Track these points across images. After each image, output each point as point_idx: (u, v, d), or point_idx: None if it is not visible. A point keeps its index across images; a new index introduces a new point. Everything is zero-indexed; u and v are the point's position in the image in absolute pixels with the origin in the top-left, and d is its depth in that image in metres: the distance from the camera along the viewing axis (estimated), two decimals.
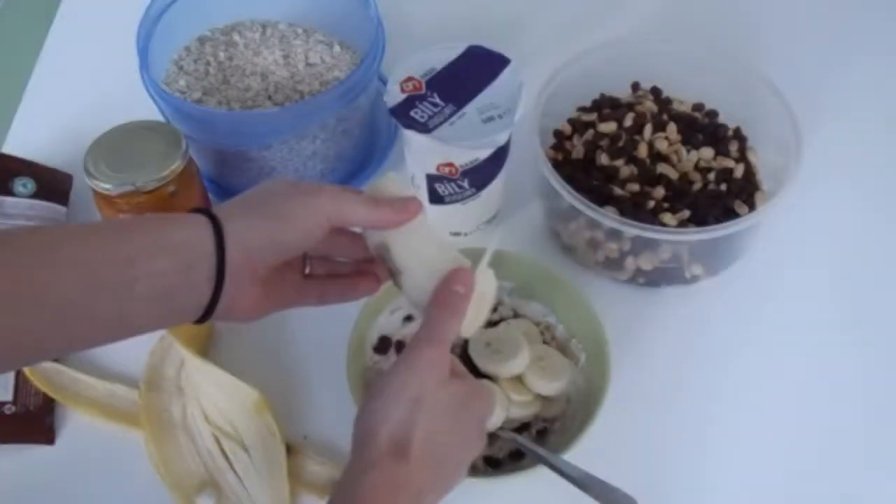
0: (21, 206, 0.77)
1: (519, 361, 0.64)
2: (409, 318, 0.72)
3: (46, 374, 0.71)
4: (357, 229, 0.59)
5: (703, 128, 0.81)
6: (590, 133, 0.81)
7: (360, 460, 0.49)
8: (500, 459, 0.65)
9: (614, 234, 0.72)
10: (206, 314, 0.52)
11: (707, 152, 0.78)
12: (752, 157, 0.80)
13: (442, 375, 0.52)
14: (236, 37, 0.85)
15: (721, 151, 0.79)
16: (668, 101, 0.84)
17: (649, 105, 0.82)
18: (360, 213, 0.54)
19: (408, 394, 0.50)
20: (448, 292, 0.53)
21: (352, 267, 0.61)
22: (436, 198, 0.76)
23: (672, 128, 0.79)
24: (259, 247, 0.52)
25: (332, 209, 0.53)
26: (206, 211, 0.52)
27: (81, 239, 0.49)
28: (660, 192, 0.76)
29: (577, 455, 0.61)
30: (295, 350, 0.74)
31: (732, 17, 0.99)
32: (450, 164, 0.72)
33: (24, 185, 0.79)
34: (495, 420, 0.63)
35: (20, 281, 0.46)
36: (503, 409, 0.63)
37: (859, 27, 0.98)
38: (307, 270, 0.60)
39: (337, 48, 0.85)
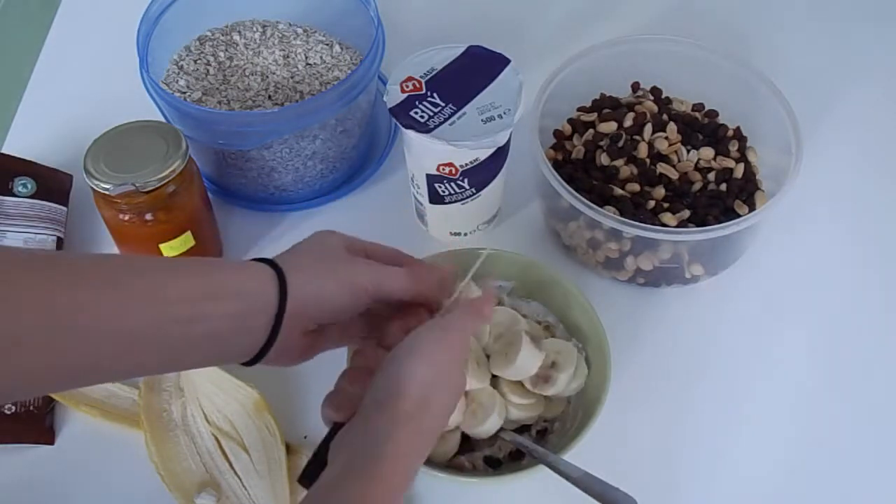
0: (21, 206, 0.77)
1: (528, 368, 0.64)
2: None
3: None
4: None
5: (703, 128, 0.81)
6: (590, 133, 0.81)
7: (387, 414, 0.50)
8: (500, 459, 0.65)
9: (614, 234, 0.72)
10: (257, 358, 0.54)
11: (707, 152, 0.78)
12: (752, 157, 0.80)
13: (463, 354, 0.55)
14: (236, 37, 0.85)
15: (721, 151, 0.79)
16: (668, 101, 0.84)
17: (649, 105, 0.82)
18: (402, 283, 0.56)
19: (438, 358, 0.52)
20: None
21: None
22: (436, 198, 0.76)
23: (672, 128, 0.79)
24: (315, 304, 0.54)
25: (373, 279, 0.55)
26: (271, 261, 0.54)
27: (153, 272, 0.50)
28: (660, 192, 0.76)
29: (577, 455, 0.61)
30: None
31: (732, 17, 0.99)
32: (450, 164, 0.72)
33: (24, 185, 0.79)
34: (490, 426, 0.63)
35: (90, 311, 0.47)
36: (500, 415, 0.63)
37: (859, 27, 0.98)
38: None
39: (337, 48, 0.85)
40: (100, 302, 0.47)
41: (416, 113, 0.71)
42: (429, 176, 0.74)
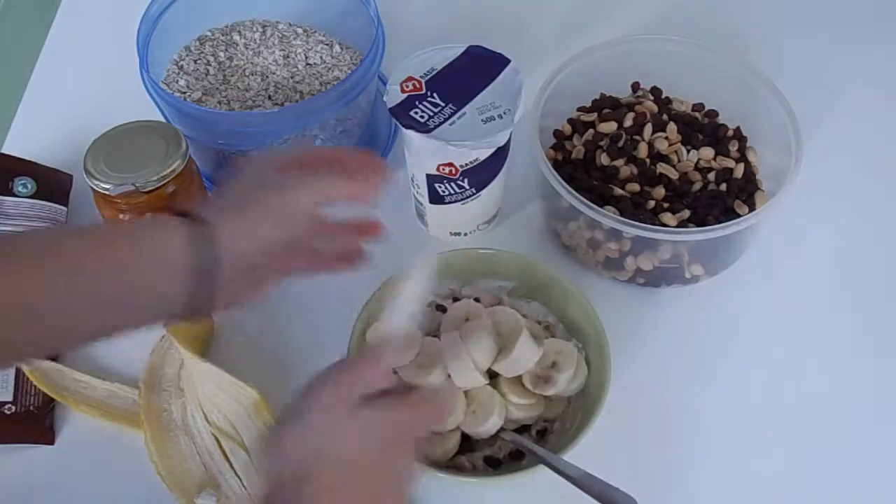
0: (21, 206, 0.77)
1: (526, 361, 0.64)
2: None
3: (46, 374, 0.71)
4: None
5: (703, 128, 0.81)
6: (590, 133, 0.81)
7: (270, 480, 0.50)
8: (500, 459, 0.65)
9: (614, 234, 0.72)
10: (200, 311, 0.54)
11: (707, 152, 0.78)
12: (752, 157, 0.80)
13: (349, 404, 0.52)
14: (236, 37, 0.85)
15: (721, 151, 0.79)
16: (668, 101, 0.84)
17: (649, 105, 0.82)
18: (341, 189, 0.57)
19: (317, 421, 0.51)
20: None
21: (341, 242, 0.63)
22: (436, 198, 0.76)
23: (672, 128, 0.79)
24: (245, 245, 0.54)
25: (317, 198, 0.56)
26: (195, 214, 0.54)
27: (78, 243, 0.52)
28: (660, 192, 0.76)
29: (577, 455, 0.61)
30: (295, 350, 0.74)
31: (732, 17, 0.99)
32: (450, 164, 0.72)
33: (24, 185, 0.79)
34: (490, 426, 0.63)
35: (19, 284, 0.48)
36: (500, 415, 0.63)
37: (860, 27, 0.98)
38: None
39: (337, 48, 0.85)
40: (24, 281, 0.48)
41: (416, 113, 0.71)
42: (429, 176, 0.74)
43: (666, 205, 0.75)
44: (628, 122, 0.80)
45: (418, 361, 0.64)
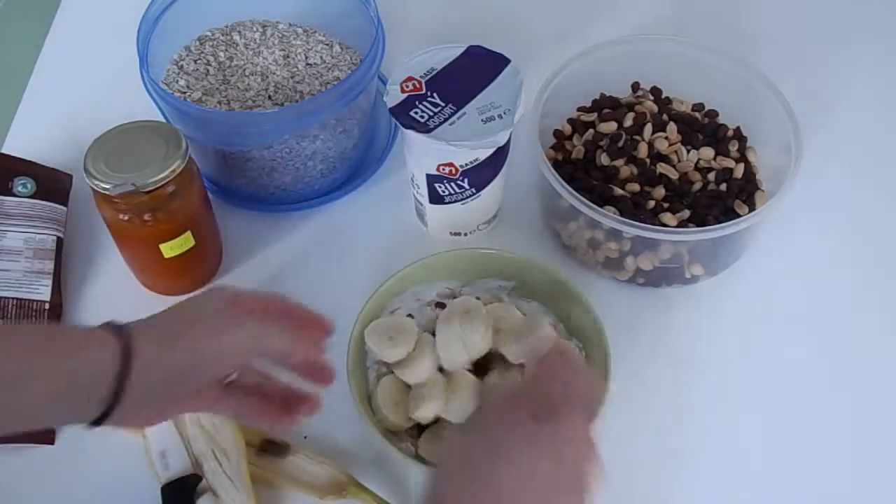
0: (21, 206, 0.77)
1: (540, 347, 0.64)
2: (409, 317, 0.71)
3: None
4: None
5: (703, 128, 0.81)
6: (590, 133, 0.81)
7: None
8: None
9: (614, 234, 0.72)
10: (96, 424, 0.52)
11: (707, 152, 0.78)
12: (752, 157, 0.80)
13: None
14: (236, 37, 0.85)
15: (721, 151, 0.79)
16: (668, 101, 0.84)
17: (649, 105, 0.82)
18: (280, 346, 0.55)
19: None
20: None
21: (284, 389, 0.60)
22: (436, 198, 0.76)
23: (672, 128, 0.79)
24: (164, 380, 0.52)
25: (252, 345, 0.54)
26: (123, 332, 0.52)
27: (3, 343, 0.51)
28: (660, 192, 0.76)
29: None
30: None
31: (732, 17, 0.99)
32: (450, 164, 0.72)
33: (24, 185, 0.79)
34: (463, 413, 0.63)
35: None
36: (472, 400, 0.63)
37: (860, 27, 0.98)
38: (227, 379, 0.59)
39: (337, 48, 0.85)
40: None
41: (416, 113, 0.71)
42: (429, 176, 0.74)
43: (666, 205, 0.75)
44: (628, 122, 0.80)
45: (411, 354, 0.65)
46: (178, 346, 0.52)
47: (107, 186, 0.67)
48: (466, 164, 0.72)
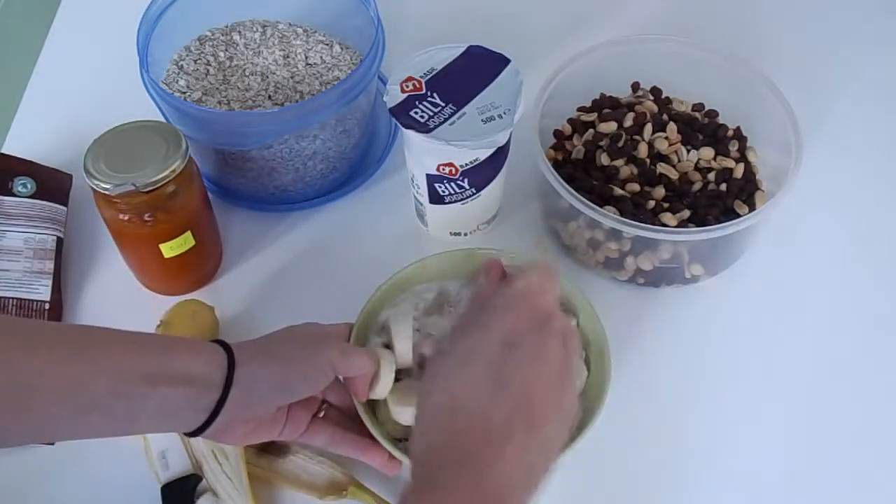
0: (21, 206, 0.78)
1: None
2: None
3: None
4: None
5: (703, 128, 0.81)
6: (590, 133, 0.81)
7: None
8: None
9: (614, 234, 0.72)
10: (196, 433, 0.57)
11: (707, 152, 0.78)
12: (752, 157, 0.80)
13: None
14: (236, 37, 0.85)
15: (721, 151, 0.79)
16: (668, 101, 0.84)
17: (649, 105, 0.82)
18: (362, 365, 0.60)
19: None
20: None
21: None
22: (436, 198, 0.76)
23: (672, 128, 0.79)
24: (262, 391, 0.57)
25: (339, 359, 0.58)
26: (228, 348, 0.57)
27: (111, 345, 0.54)
28: (660, 192, 0.76)
29: (578, 455, 0.61)
30: None
31: (732, 17, 0.99)
32: (450, 164, 0.72)
33: (24, 185, 0.79)
34: (381, 389, 0.62)
35: (48, 376, 0.51)
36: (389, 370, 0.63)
37: (860, 27, 0.98)
38: (321, 414, 0.65)
39: (337, 48, 0.85)
40: (58, 369, 0.51)
41: (416, 113, 0.71)
42: (429, 176, 0.74)
43: (666, 205, 0.75)
44: (628, 122, 0.80)
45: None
46: (276, 359, 0.57)
47: (107, 186, 0.67)
48: (466, 164, 0.72)
